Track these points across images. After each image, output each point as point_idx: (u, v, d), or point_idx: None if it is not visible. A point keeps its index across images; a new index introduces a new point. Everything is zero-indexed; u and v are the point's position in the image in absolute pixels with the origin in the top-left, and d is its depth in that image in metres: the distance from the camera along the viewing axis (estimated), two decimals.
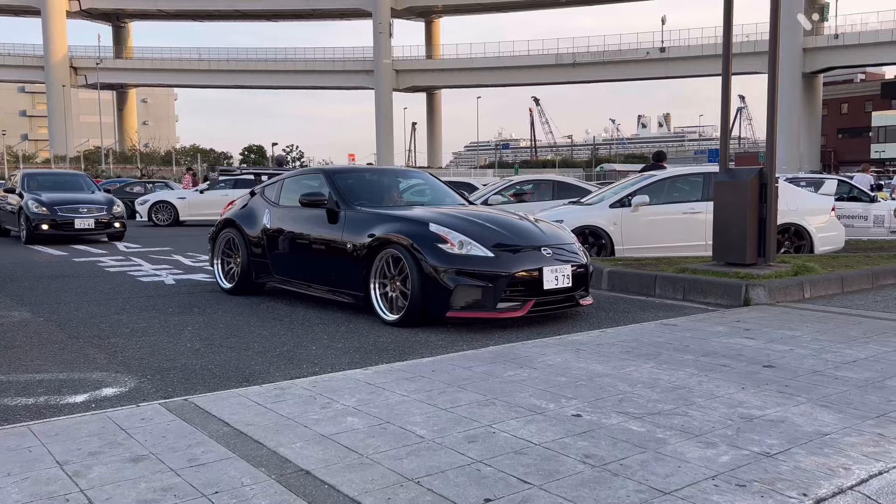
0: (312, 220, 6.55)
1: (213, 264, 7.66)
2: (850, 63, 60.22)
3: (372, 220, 6.05)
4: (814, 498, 2.47)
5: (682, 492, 2.51)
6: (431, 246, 5.47)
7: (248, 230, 7.17)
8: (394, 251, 5.67)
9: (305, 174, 7.41)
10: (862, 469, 2.73)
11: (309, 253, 6.55)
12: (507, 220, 6.14)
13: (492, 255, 5.46)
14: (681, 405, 3.51)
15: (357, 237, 6.00)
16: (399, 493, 2.50)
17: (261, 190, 7.50)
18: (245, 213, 7.38)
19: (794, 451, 2.91)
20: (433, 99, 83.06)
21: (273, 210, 7.07)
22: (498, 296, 5.39)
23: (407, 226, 5.76)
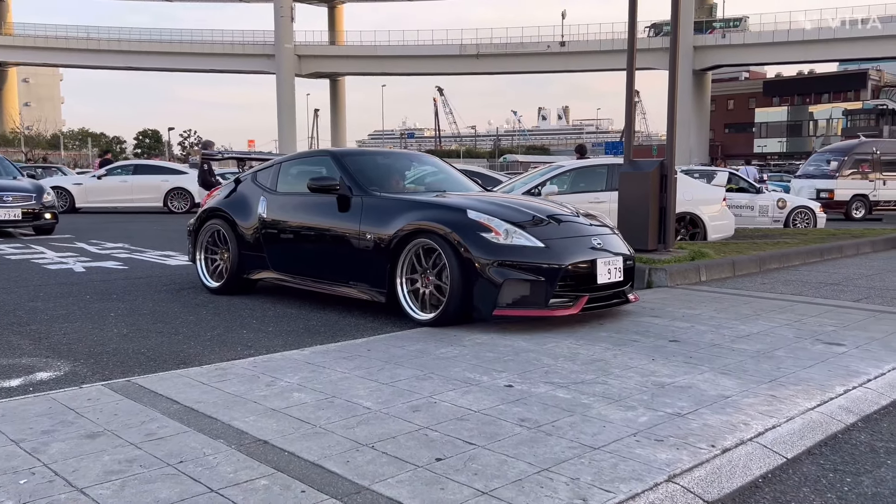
0: (320, 208, 5.82)
1: (196, 261, 6.80)
2: (736, 62, 63.85)
3: (397, 207, 5.37)
4: (721, 448, 2.84)
5: (609, 447, 2.82)
6: (474, 235, 4.85)
7: (240, 221, 6.40)
8: (427, 242, 5.03)
9: (307, 157, 6.85)
10: (759, 424, 3.13)
11: (316, 245, 5.85)
12: (546, 207, 5.57)
13: (542, 244, 4.89)
14: (600, 375, 3.85)
15: (379, 227, 5.32)
16: (356, 457, 2.69)
17: (251, 176, 6.72)
18: (234, 202, 6.58)
19: (702, 411, 3.29)
20: (337, 86, 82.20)
21: (270, 198, 6.32)
22: (550, 291, 4.81)
23: (442, 213, 5.11)
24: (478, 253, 4.81)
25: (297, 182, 6.30)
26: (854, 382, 3.79)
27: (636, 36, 8.32)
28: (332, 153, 6.24)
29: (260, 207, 6.31)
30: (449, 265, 4.87)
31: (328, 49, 72.95)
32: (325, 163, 6.17)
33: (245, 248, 6.35)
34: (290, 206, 6.14)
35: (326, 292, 5.78)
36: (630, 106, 8.95)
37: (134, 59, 71.44)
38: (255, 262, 6.31)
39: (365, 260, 5.41)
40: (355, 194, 5.65)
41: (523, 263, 4.80)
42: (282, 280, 6.12)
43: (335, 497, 2.35)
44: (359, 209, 5.54)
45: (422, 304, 5.12)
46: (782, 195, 16.20)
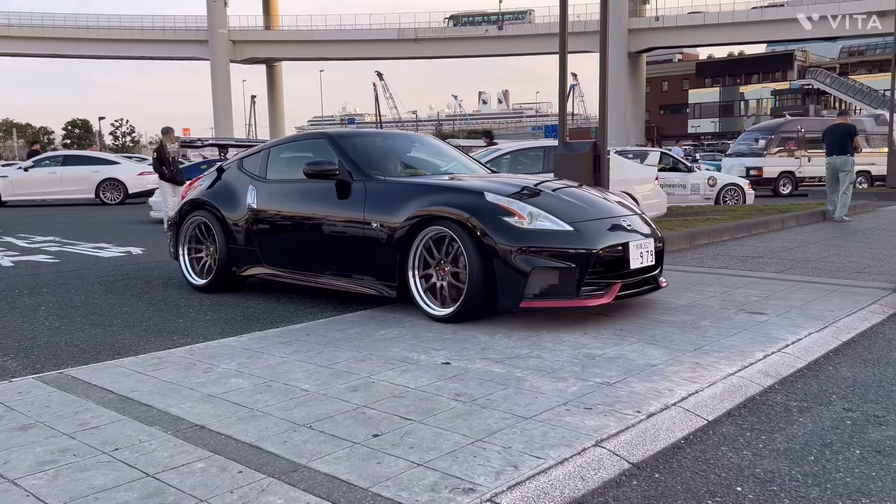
0: (318, 196, 5.35)
1: (179, 257, 6.26)
2: (669, 44, 65.22)
3: (405, 191, 4.92)
4: (646, 413, 2.98)
5: (540, 416, 2.93)
6: (496, 220, 4.42)
7: (227, 212, 5.88)
8: (441, 230, 4.58)
9: (299, 141, 6.23)
10: (683, 390, 3.28)
11: (314, 236, 5.35)
12: (566, 188, 5.24)
13: (570, 228, 4.49)
14: (535, 350, 3.96)
15: (387, 214, 4.87)
16: (294, 437, 2.73)
17: (237, 163, 6.20)
18: (219, 192, 6.07)
19: (630, 379, 3.43)
20: (273, 71, 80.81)
21: (260, 186, 5.81)
22: (582, 279, 4.40)
23: (457, 197, 4.67)
24: (500, 240, 4.37)
25: (290, 168, 5.84)
26: (773, 348, 4.00)
27: (567, 20, 8.43)
28: (328, 135, 5.74)
29: (249, 197, 5.81)
30: (468, 254, 4.42)
31: (264, 34, 71.64)
32: (320, 146, 5.66)
33: (234, 242, 5.85)
34: (283, 194, 5.65)
35: (326, 287, 5.37)
36: (563, 88, 9.10)
37: (59, 46, 68.82)
38: (245, 256, 5.81)
39: (370, 251, 4.96)
40: (356, 179, 5.18)
41: (551, 249, 4.38)
42: (276, 275, 5.66)
43: (272, 476, 2.39)
44: (361, 195, 5.07)
45: (437, 297, 4.68)
46: (713, 173, 16.72)
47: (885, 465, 2.59)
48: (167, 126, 12.04)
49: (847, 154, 11.46)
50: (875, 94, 56.86)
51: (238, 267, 5.87)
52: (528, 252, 4.36)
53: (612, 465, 2.57)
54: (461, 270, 4.53)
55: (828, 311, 4.90)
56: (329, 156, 5.43)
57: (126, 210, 17.74)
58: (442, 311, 4.62)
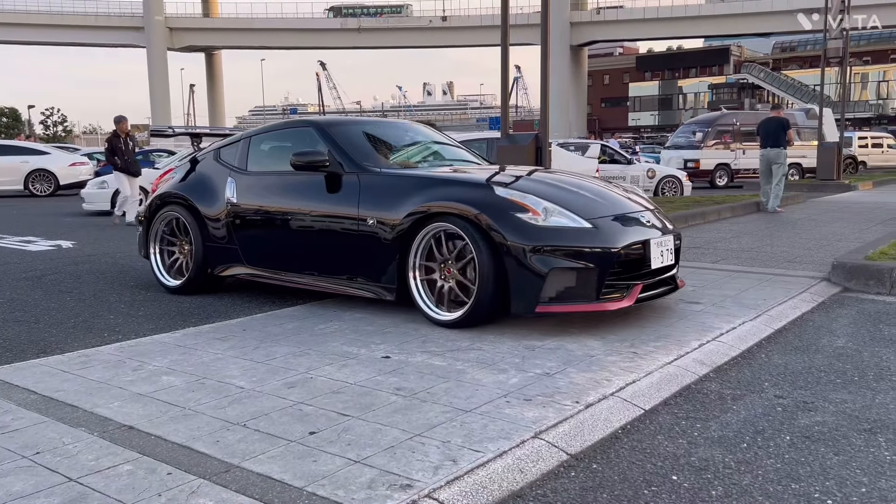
0: (305, 190, 4.93)
1: (150, 255, 5.76)
2: (610, 37, 66.12)
3: (405, 185, 4.53)
4: (585, 403, 2.99)
5: (480, 409, 2.91)
6: (507, 217, 4.06)
7: (203, 207, 5.41)
8: (446, 227, 4.20)
9: (282, 129, 5.66)
10: (620, 379, 3.31)
11: (301, 234, 4.92)
12: (577, 181, 4.85)
13: (589, 225, 4.13)
14: (476, 342, 3.95)
15: (384, 209, 4.47)
16: (227, 436, 2.65)
17: (213, 154, 5.70)
18: (194, 185, 5.57)
19: (569, 370, 3.44)
20: (213, 60, 79.01)
21: (240, 178, 5.34)
22: (602, 281, 4.06)
23: (463, 191, 4.30)
24: (514, 238, 4.00)
25: (273, 159, 5.41)
26: (708, 337, 4.08)
27: (508, 12, 8.44)
28: (315, 123, 5.28)
29: (228, 191, 5.34)
30: (478, 254, 4.05)
31: (202, 21, 69.93)
32: (307, 135, 5.20)
33: (211, 240, 5.37)
34: (266, 187, 5.19)
35: (316, 290, 4.92)
36: (505, 80, 9.11)
37: None
38: (224, 255, 5.35)
39: (366, 250, 4.55)
40: (349, 171, 4.76)
41: (569, 248, 4.02)
42: (258, 276, 5.22)
43: (203, 477, 2.31)
44: (355, 189, 4.66)
45: (439, 299, 4.33)
46: (652, 165, 17.03)
47: (813, 450, 2.66)
48: (120, 115, 11.63)
49: (780, 147, 11.80)
50: (805, 88, 58.86)
51: (216, 266, 5.41)
52: (545, 251, 3.99)
53: (550, 456, 2.57)
54: (469, 275, 4.17)
55: (761, 300, 5.03)
56: (317, 146, 4.99)
57: (57, 202, 17.10)
58: (448, 315, 4.24)
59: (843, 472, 2.47)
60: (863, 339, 4.21)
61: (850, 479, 2.42)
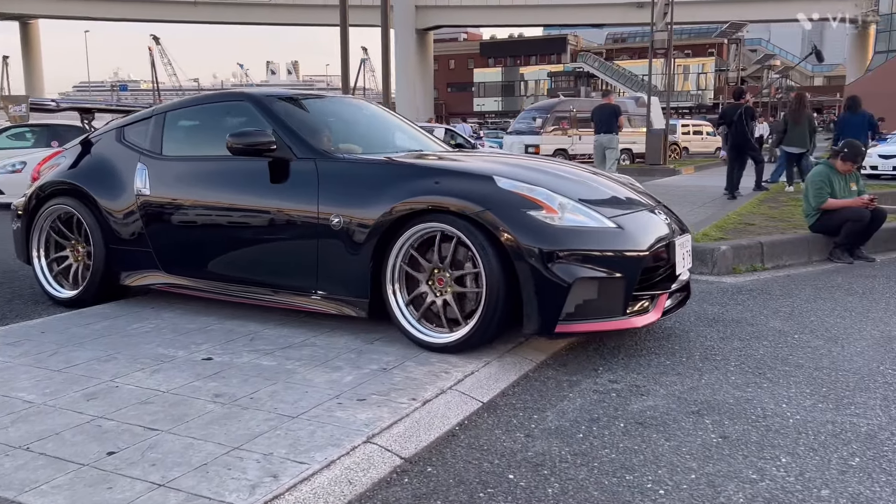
0: (243, 179, 3.99)
1: (32, 260, 4.66)
2: (455, 23, 66.93)
3: (380, 175, 3.67)
4: (422, 400, 2.84)
5: (309, 413, 2.68)
6: (519, 215, 3.28)
7: (105, 200, 4.38)
8: (440, 227, 3.41)
9: (207, 103, 4.53)
10: (459, 371, 3.19)
11: (240, 235, 3.97)
12: (573, 171, 4.14)
13: (612, 224, 3.43)
14: (311, 336, 3.70)
15: (354, 206, 3.61)
16: (4, 463, 2.25)
17: (115, 133, 4.63)
18: (92, 172, 4.52)
19: (407, 364, 3.28)
20: (28, 29, 72.04)
21: (153, 165, 4.33)
22: (630, 291, 3.39)
23: (459, 183, 3.47)
24: (528, 241, 3.23)
25: (196, 140, 4.46)
26: None
27: None
28: (252, 97, 4.27)
29: (137, 179, 4.32)
30: (484, 260, 3.27)
31: None
32: (241, 111, 4.26)
33: (116, 241, 4.36)
34: (189, 176, 4.20)
35: (260, 304, 4.01)
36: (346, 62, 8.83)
37: None
38: (134, 259, 4.34)
39: (329, 255, 3.68)
40: (302, 157, 3.85)
41: (593, 253, 3.30)
42: (181, 287, 4.22)
43: None
44: (312, 179, 3.76)
45: (425, 316, 3.53)
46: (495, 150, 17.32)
47: (646, 437, 2.65)
48: None
49: (613, 133, 12.33)
50: (636, 78, 62.63)
51: (124, 274, 4.39)
52: (566, 257, 3.24)
53: (382, 462, 2.39)
54: (469, 287, 3.41)
55: None
56: (257, 125, 4.06)
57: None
58: (442, 336, 3.44)
59: (674, 458, 2.48)
60: (689, 319, 4.37)
61: (680, 466, 2.42)
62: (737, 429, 2.72)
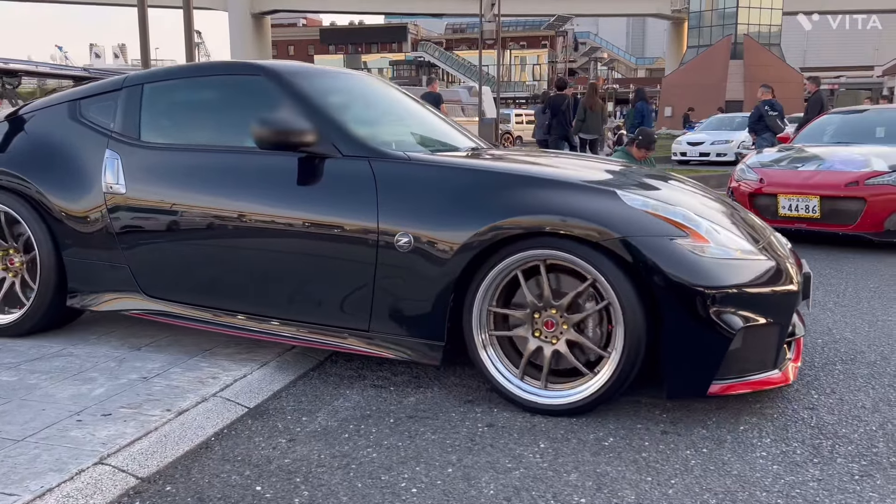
0: (263, 179, 3.07)
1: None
2: (292, 7, 65.17)
3: (467, 183, 2.84)
4: (177, 410, 2.61)
5: (39, 435, 2.38)
6: (663, 244, 2.54)
7: (58, 197, 3.38)
8: (555, 255, 2.63)
9: (204, 75, 3.52)
10: (230, 375, 2.98)
11: (262, 253, 3.06)
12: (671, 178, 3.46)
13: (762, 255, 2.74)
14: (69, 345, 3.34)
15: (431, 222, 2.77)
16: None
17: (69, 108, 3.56)
18: (36, 160, 3.49)
19: (174, 370, 3.03)
20: None
21: (129, 153, 3.31)
22: (783, 338, 2.73)
23: (580, 198, 2.68)
24: (679, 278, 2.50)
25: (191, 124, 3.44)
26: None
27: None
28: (271, 70, 3.27)
29: (108, 173, 3.31)
30: (623, 300, 2.54)
31: None
32: (254, 89, 3.28)
33: (75, 251, 3.38)
34: (184, 171, 3.23)
35: (283, 342, 3.11)
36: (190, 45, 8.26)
37: None
38: (99, 276, 3.37)
39: (391, 285, 2.85)
40: (349, 154, 2.97)
41: (751, 292, 2.62)
42: (168, 315, 3.26)
43: None
44: (366, 185, 2.88)
45: (531, 372, 2.77)
46: None
47: (412, 431, 2.58)
48: None
49: None
50: (475, 68, 63.99)
51: (82, 294, 3.41)
52: (724, 299, 2.52)
53: (113, 485, 2.15)
54: (589, 325, 2.70)
55: None
56: (275, 108, 3.11)
57: None
58: (555, 397, 2.70)
59: (435, 452, 2.42)
60: None
61: (440, 461, 2.36)
62: (505, 416, 2.71)
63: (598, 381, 2.62)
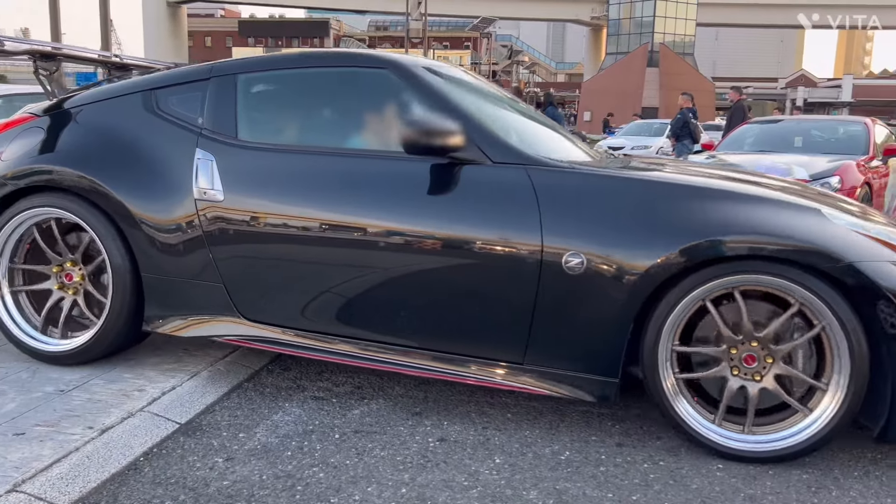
0: (394, 188, 2.65)
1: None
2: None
3: (654, 198, 2.48)
4: (100, 428, 2.38)
5: None
6: (890, 271, 2.28)
7: (139, 204, 2.83)
8: (752, 279, 2.33)
9: (314, 66, 3.02)
10: (158, 387, 2.76)
11: (391, 273, 2.64)
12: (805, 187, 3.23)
13: None
14: None
15: (608, 241, 2.41)
16: None
17: (144, 100, 3.02)
18: (110, 159, 2.91)
19: (95, 381, 2.79)
20: None
21: (227, 154, 2.82)
22: None
23: (789, 217, 2.39)
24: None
25: (299, 122, 2.99)
26: None
27: None
28: (400, 64, 2.83)
29: (201, 177, 2.80)
30: (845, 327, 2.25)
31: None
32: (375, 84, 2.88)
33: (155, 267, 2.86)
34: (296, 177, 2.77)
35: (418, 375, 2.67)
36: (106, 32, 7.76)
37: None
38: (185, 296, 2.87)
39: (556, 312, 2.48)
40: (500, 161, 2.58)
41: None
42: (271, 343, 2.81)
43: None
44: (525, 197, 2.49)
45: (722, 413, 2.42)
46: None
47: (360, 447, 2.44)
48: None
49: None
50: None
51: (163, 317, 2.89)
52: None
53: None
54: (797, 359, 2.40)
55: None
56: (408, 106, 2.74)
57: None
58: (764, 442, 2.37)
59: (386, 470, 2.29)
60: None
61: (392, 479, 2.23)
62: (456, 429, 2.60)
63: (817, 419, 2.31)
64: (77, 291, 2.99)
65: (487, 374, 2.55)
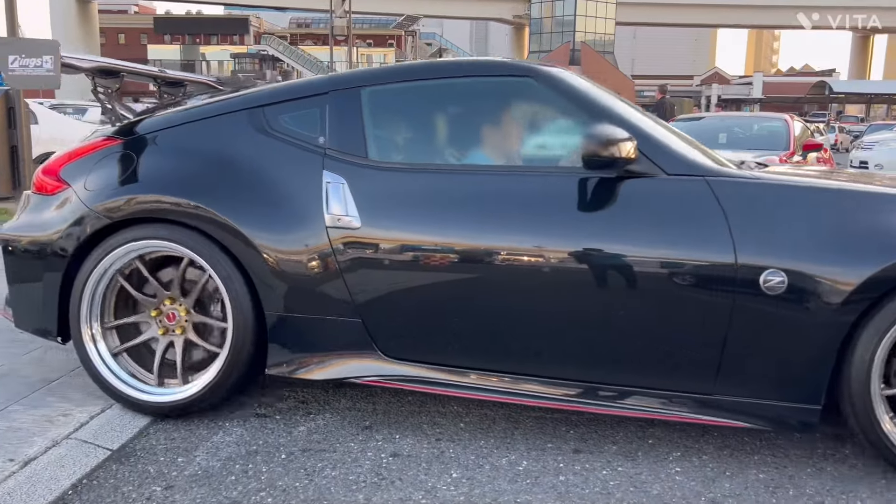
0: (555, 206, 2.40)
1: (82, 335, 2.62)
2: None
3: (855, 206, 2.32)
4: (22, 460, 2.19)
5: None
6: None
7: (262, 235, 2.51)
8: None
9: (446, 77, 2.77)
10: (85, 412, 2.58)
11: (553, 301, 2.40)
12: None
13: None
14: None
15: (810, 256, 2.20)
16: None
17: (251, 118, 2.68)
18: (223, 185, 2.59)
19: (14, 408, 2.58)
20: None
21: (359, 177, 2.52)
22: None
23: None
24: None
25: (437, 138, 2.75)
26: None
27: None
28: (544, 72, 2.62)
29: (333, 202, 2.52)
30: None
31: None
32: (522, 93, 2.68)
33: (281, 301, 2.55)
34: (435, 197, 2.52)
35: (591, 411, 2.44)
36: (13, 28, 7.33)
37: None
38: (315, 335, 2.58)
39: (752, 336, 2.26)
40: (674, 173, 2.36)
41: None
42: (417, 381, 2.51)
43: None
44: (709, 210, 2.28)
45: None
46: None
47: (309, 467, 2.32)
48: None
49: None
50: (321, 64, 62.89)
51: (289, 360, 2.58)
52: None
53: None
54: None
55: None
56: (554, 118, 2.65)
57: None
58: None
59: (339, 492, 2.17)
60: None
61: (345, 501, 2.12)
62: (409, 442, 2.51)
63: None
64: (184, 330, 2.65)
65: (663, 407, 2.34)
